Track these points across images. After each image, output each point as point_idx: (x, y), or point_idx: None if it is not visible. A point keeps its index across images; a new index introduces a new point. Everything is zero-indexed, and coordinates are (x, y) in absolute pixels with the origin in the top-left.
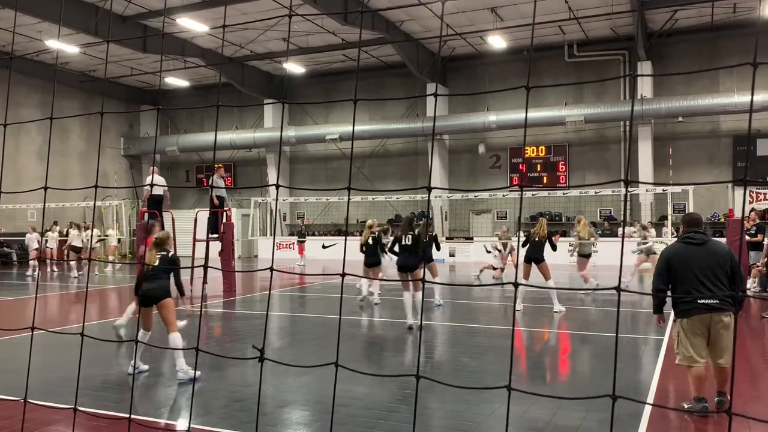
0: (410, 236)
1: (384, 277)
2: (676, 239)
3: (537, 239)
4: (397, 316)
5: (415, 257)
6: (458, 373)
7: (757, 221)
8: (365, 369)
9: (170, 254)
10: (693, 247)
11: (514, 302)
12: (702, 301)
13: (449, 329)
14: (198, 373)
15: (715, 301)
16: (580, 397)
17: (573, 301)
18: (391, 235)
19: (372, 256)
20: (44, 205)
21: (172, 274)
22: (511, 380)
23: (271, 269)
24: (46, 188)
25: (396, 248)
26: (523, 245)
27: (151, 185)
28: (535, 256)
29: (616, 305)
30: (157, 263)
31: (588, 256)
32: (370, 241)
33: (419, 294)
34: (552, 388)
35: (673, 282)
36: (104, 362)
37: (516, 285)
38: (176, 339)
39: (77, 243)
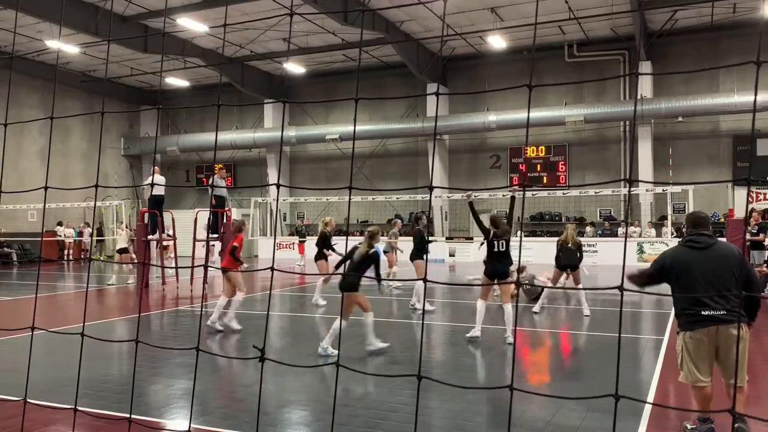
0: (504, 242)
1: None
2: (678, 241)
3: (570, 246)
4: (397, 316)
5: (507, 264)
6: (459, 372)
7: (760, 221)
8: (366, 369)
9: (372, 251)
10: (696, 252)
11: (516, 302)
12: (706, 312)
13: (450, 329)
14: (387, 344)
15: (722, 312)
16: (581, 396)
17: (569, 301)
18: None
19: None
20: (44, 205)
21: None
22: (513, 380)
23: (272, 269)
24: (46, 188)
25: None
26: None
27: (152, 185)
28: (571, 263)
29: (615, 305)
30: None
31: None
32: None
33: (509, 306)
34: (553, 387)
35: (674, 290)
36: (106, 362)
37: (518, 285)
38: (368, 318)
39: (124, 244)
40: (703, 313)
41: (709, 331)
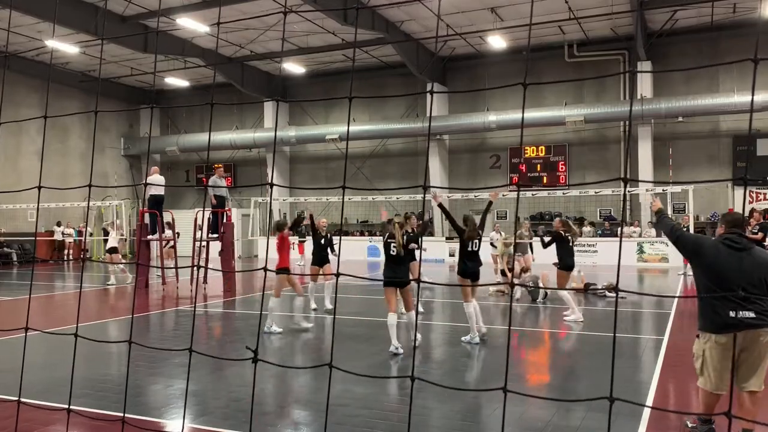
0: (477, 241)
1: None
2: (718, 238)
3: (570, 245)
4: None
5: (478, 263)
6: (458, 373)
7: (761, 221)
8: (364, 369)
9: (411, 234)
10: (733, 252)
11: (510, 302)
12: (734, 314)
13: (449, 329)
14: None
15: (752, 316)
16: (577, 399)
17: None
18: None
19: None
20: (38, 205)
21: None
22: (511, 381)
23: (265, 269)
24: (39, 187)
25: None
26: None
27: (146, 184)
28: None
29: (614, 305)
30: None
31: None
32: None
33: (470, 306)
34: (551, 388)
35: (702, 287)
36: (106, 362)
37: (512, 285)
38: (411, 316)
39: (114, 243)
40: (731, 314)
41: (736, 335)
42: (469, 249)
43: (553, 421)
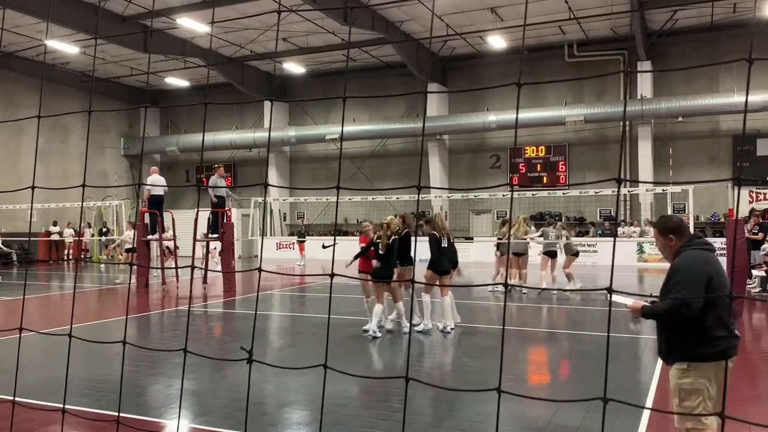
0: (447, 238)
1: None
2: (691, 247)
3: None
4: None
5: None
6: (458, 373)
7: (761, 221)
8: (365, 369)
9: (401, 234)
10: (715, 257)
11: (504, 302)
12: (735, 330)
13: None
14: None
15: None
16: (571, 399)
17: (562, 300)
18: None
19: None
20: (32, 205)
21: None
22: (510, 381)
23: (260, 269)
24: (33, 188)
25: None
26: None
27: (140, 184)
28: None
29: (614, 304)
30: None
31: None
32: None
33: (448, 297)
34: (550, 388)
35: (709, 312)
36: (107, 361)
37: (506, 285)
38: (400, 306)
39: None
40: (735, 331)
41: (732, 358)
42: (444, 246)
43: (553, 421)
